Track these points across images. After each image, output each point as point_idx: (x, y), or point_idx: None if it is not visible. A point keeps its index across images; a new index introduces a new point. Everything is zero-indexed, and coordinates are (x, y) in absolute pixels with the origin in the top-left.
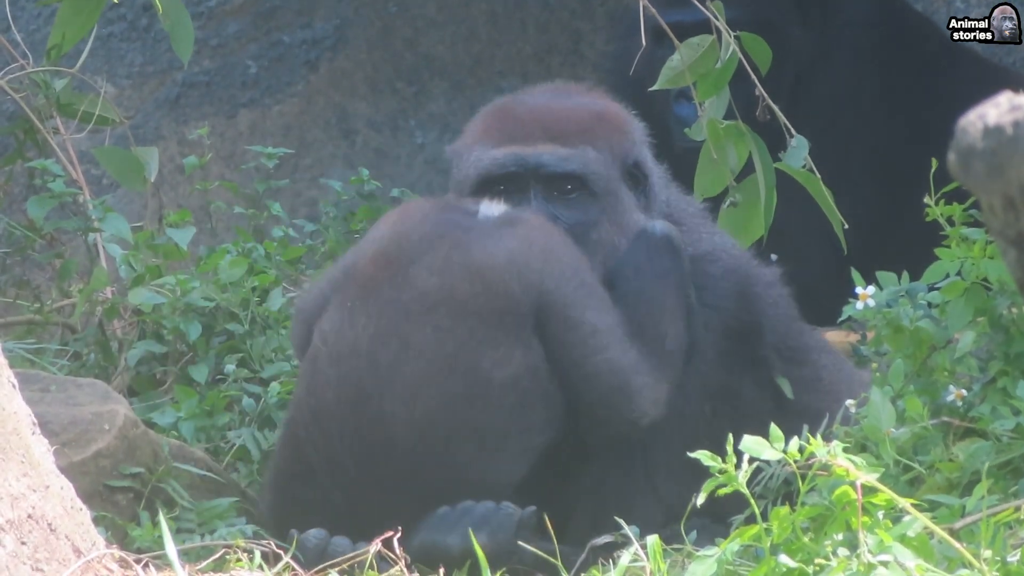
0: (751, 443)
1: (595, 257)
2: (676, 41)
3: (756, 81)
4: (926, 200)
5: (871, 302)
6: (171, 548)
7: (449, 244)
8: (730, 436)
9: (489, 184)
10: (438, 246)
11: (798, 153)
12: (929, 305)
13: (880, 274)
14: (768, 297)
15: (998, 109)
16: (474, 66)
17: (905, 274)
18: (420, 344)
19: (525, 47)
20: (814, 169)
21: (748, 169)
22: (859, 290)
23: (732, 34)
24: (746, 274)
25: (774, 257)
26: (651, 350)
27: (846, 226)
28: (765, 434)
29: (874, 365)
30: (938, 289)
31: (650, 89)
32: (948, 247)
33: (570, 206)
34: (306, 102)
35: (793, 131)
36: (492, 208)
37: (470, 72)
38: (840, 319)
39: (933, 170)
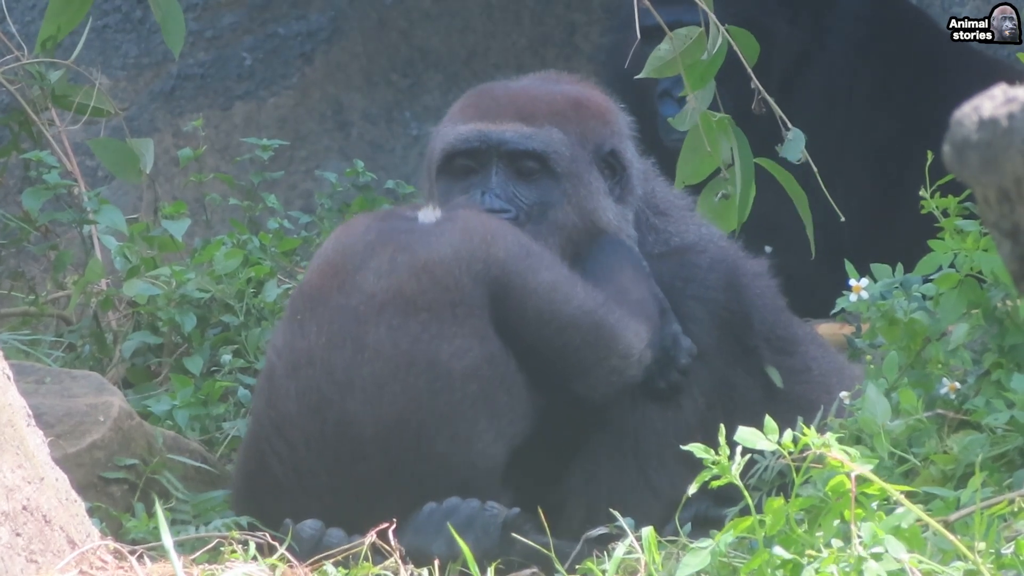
0: (746, 434)
1: (552, 238)
2: (668, 31)
3: (751, 75)
4: (921, 193)
5: (865, 294)
6: (167, 538)
7: (393, 247)
8: (723, 427)
9: (452, 158)
10: (382, 251)
11: (795, 146)
12: (923, 297)
13: (874, 266)
14: (756, 287)
15: (993, 101)
16: (469, 58)
17: (899, 266)
18: (375, 345)
19: (520, 39)
20: (811, 162)
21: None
22: (853, 282)
23: (721, 27)
24: (734, 265)
25: (768, 249)
26: (617, 296)
27: (842, 219)
28: (757, 425)
29: (868, 357)
30: (932, 281)
31: (636, 77)
32: (942, 239)
33: (531, 185)
34: (301, 94)
35: (789, 124)
36: (429, 214)
37: (465, 64)
38: (834, 311)
39: (928, 163)
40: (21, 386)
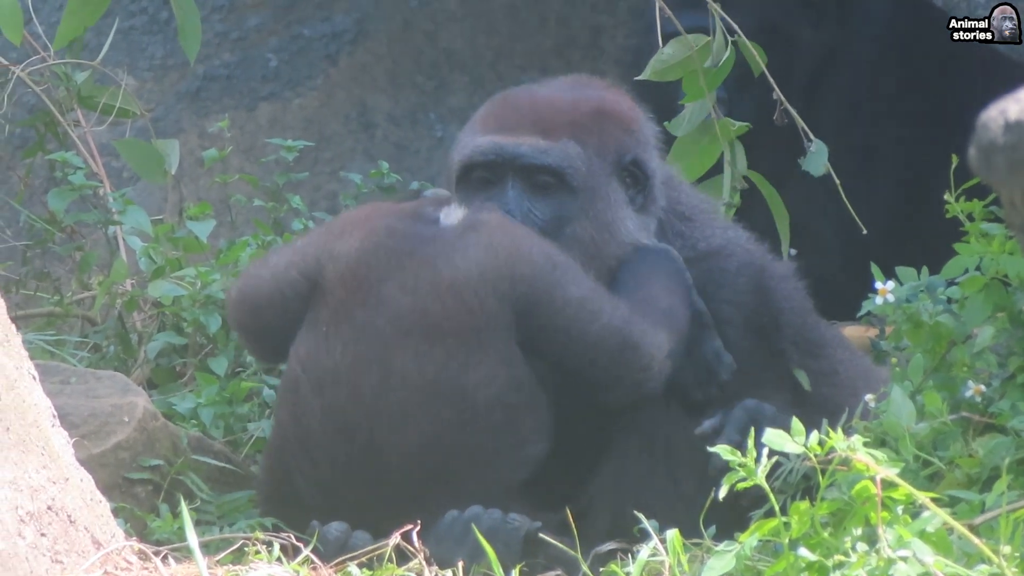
0: (773, 436)
1: (570, 253)
2: (682, 29)
3: (774, 85)
4: (946, 196)
5: (890, 297)
6: (192, 538)
7: (417, 262)
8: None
9: (470, 170)
10: (407, 264)
11: (818, 159)
12: (948, 300)
13: (899, 269)
14: (784, 290)
15: (1019, 104)
16: (494, 60)
17: (924, 269)
18: (401, 370)
19: (545, 41)
20: (833, 174)
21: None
22: (878, 285)
23: (729, 38)
24: (761, 268)
25: (793, 252)
26: (642, 307)
27: (864, 232)
28: (784, 427)
29: (893, 360)
30: (957, 284)
31: (635, 79)
32: (967, 243)
33: (547, 200)
34: (326, 95)
35: (812, 136)
36: (452, 214)
37: (490, 66)
38: (859, 314)
39: (953, 166)
40: (46, 386)
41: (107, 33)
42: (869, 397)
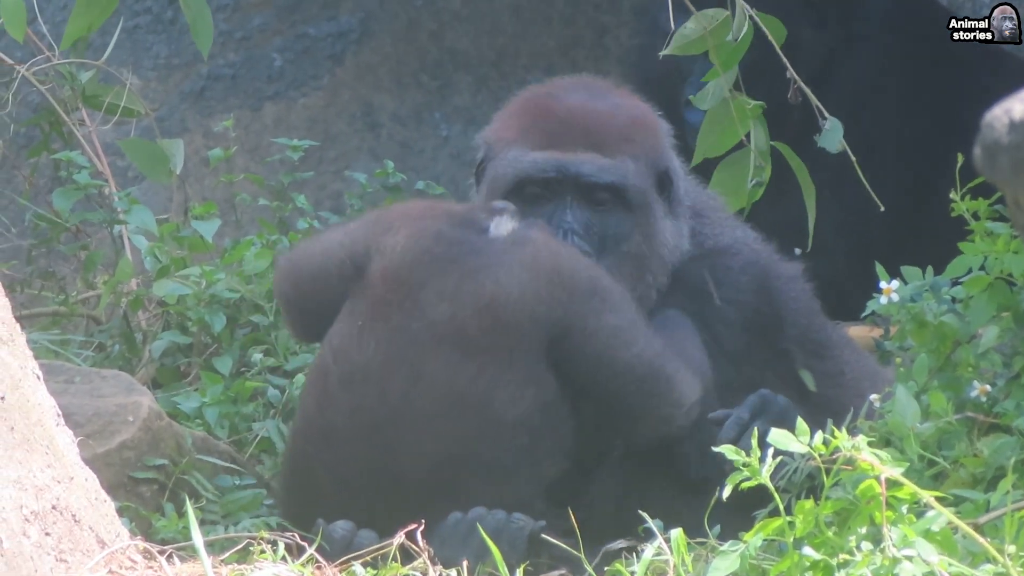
0: (778, 436)
1: (623, 268)
2: (693, 9)
3: (787, 63)
4: (951, 195)
5: (895, 297)
6: (197, 537)
7: (460, 271)
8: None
9: (523, 186)
10: (449, 271)
11: (833, 136)
12: (953, 300)
13: (904, 269)
14: (789, 291)
15: None
16: (498, 60)
17: (929, 269)
18: (431, 377)
19: (550, 41)
20: (848, 151)
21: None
22: (883, 285)
23: (748, 10)
24: (766, 268)
25: (797, 251)
26: (677, 349)
27: (881, 208)
28: (789, 427)
29: (898, 360)
30: (962, 284)
31: (661, 54)
32: (972, 242)
33: (604, 217)
34: (331, 95)
35: (826, 113)
36: (502, 226)
37: (494, 66)
38: (864, 314)
39: (958, 165)
40: (51, 386)
41: (111, 32)
42: (874, 397)
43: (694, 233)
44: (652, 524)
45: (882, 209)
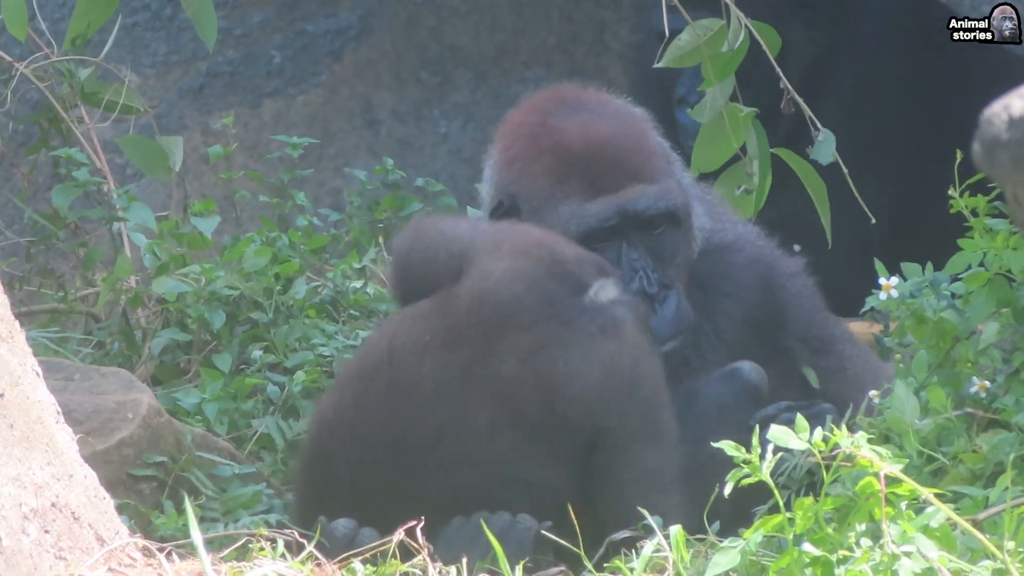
0: (778, 432)
1: (679, 276)
2: (689, 19)
3: (780, 74)
4: (950, 192)
5: (894, 293)
6: (196, 534)
7: (539, 336)
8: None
9: (591, 240)
10: (531, 331)
11: (826, 148)
12: (953, 296)
13: (904, 265)
14: (792, 287)
15: (1023, 100)
16: (498, 56)
17: (929, 265)
18: (472, 428)
19: (549, 37)
20: (841, 163)
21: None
22: (882, 281)
23: (743, 19)
24: (770, 264)
25: (796, 247)
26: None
27: (873, 221)
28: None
29: (897, 356)
30: (961, 280)
31: (655, 66)
32: (972, 238)
33: (659, 239)
34: (330, 92)
35: (819, 124)
36: (604, 292)
37: (494, 62)
38: (863, 310)
39: (957, 161)
40: (50, 383)
41: (110, 30)
42: (873, 393)
43: (699, 228)
44: (651, 520)
45: (873, 221)
